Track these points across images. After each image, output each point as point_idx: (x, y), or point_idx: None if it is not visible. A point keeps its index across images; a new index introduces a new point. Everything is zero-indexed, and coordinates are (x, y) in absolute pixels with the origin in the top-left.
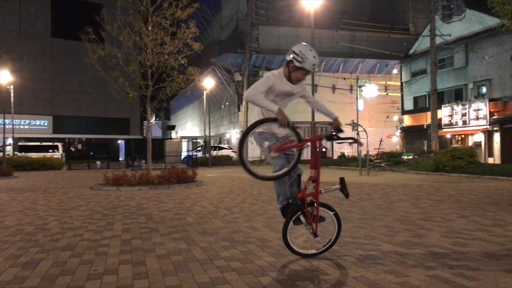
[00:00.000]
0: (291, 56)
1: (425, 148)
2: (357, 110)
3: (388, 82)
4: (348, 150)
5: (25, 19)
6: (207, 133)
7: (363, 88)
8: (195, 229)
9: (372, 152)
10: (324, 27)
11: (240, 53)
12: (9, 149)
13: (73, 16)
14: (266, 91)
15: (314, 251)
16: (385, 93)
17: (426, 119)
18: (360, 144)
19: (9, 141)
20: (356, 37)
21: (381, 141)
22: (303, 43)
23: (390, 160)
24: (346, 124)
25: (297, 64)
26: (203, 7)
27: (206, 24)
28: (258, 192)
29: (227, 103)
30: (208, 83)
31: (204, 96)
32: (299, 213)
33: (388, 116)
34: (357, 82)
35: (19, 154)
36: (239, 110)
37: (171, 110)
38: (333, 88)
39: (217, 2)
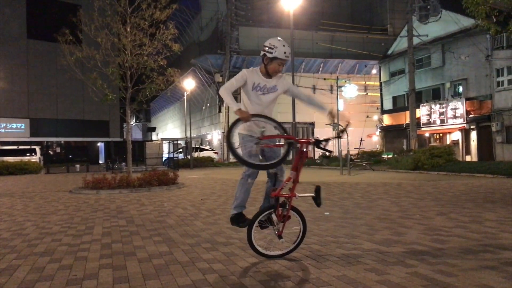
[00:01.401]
0: (263, 50)
1: (405, 147)
2: (338, 110)
3: (367, 82)
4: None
5: (0, 21)
6: (188, 135)
7: (343, 88)
8: (177, 231)
9: (353, 151)
10: (303, 28)
11: (220, 54)
12: None
13: (49, 17)
14: (244, 87)
15: (277, 253)
16: (364, 93)
17: (405, 118)
18: (340, 136)
19: None
20: (335, 38)
21: (361, 140)
22: (274, 37)
23: (370, 159)
24: (326, 124)
25: (269, 55)
26: (182, 8)
27: (185, 25)
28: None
29: (208, 104)
30: (189, 84)
31: (185, 98)
32: (272, 210)
33: (368, 116)
34: (337, 83)
35: None
36: (220, 111)
37: (151, 111)
38: (314, 88)
39: (197, 3)
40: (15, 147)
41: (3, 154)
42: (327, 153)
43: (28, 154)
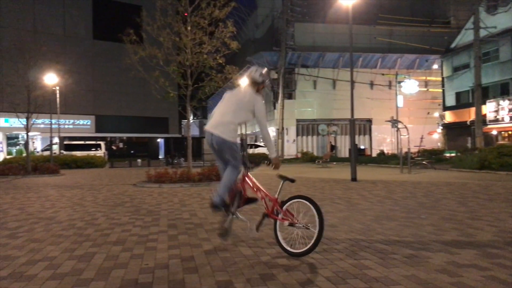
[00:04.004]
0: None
1: (469, 145)
2: (397, 107)
3: (428, 78)
4: (387, 147)
5: (68, 23)
6: (243, 131)
7: (402, 84)
8: (239, 225)
9: (413, 149)
10: (360, 22)
11: (276, 51)
12: (55, 148)
13: (113, 19)
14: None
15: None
16: (425, 89)
17: (469, 115)
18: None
19: (55, 140)
20: (394, 32)
21: (421, 138)
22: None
23: (431, 157)
24: (385, 121)
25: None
26: (238, 6)
27: (241, 23)
28: (297, 190)
29: (262, 101)
30: (244, 81)
31: None
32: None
33: (428, 113)
34: (396, 78)
35: (64, 152)
36: (274, 108)
37: (208, 109)
38: (371, 84)
39: (253, 0)
40: (82, 142)
41: (71, 148)
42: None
43: (93, 149)
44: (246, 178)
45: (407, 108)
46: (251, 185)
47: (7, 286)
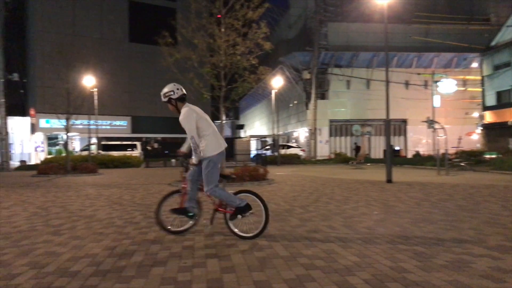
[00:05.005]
0: (168, 95)
1: (510, 146)
2: (433, 107)
3: (466, 77)
4: (423, 148)
5: (105, 27)
6: (275, 132)
7: (438, 83)
8: (273, 226)
9: (450, 150)
10: (395, 21)
11: (308, 51)
12: (93, 148)
13: (148, 22)
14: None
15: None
16: (463, 88)
17: (510, 115)
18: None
19: (93, 140)
20: (430, 30)
21: (459, 139)
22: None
23: (470, 159)
24: (422, 122)
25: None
26: (271, 7)
27: (274, 23)
28: (331, 191)
29: (295, 102)
30: (276, 82)
31: (273, 95)
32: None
33: (467, 113)
34: (432, 77)
35: (102, 152)
36: (307, 108)
37: (239, 109)
38: (406, 84)
39: (285, 1)
40: (118, 142)
41: (108, 149)
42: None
43: (129, 149)
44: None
45: (444, 108)
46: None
47: (53, 281)
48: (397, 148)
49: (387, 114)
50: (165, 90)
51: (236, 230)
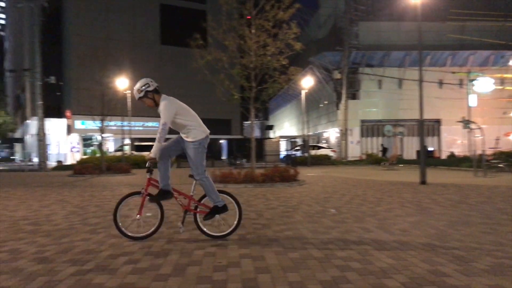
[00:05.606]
0: (142, 90)
1: None
2: (468, 106)
3: (504, 75)
4: (458, 149)
5: (137, 29)
6: (304, 132)
7: (474, 82)
8: (306, 227)
9: (488, 151)
10: (429, 19)
11: (339, 51)
12: (126, 148)
13: (179, 24)
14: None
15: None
16: (501, 87)
17: None
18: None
19: (127, 141)
20: (466, 28)
21: (497, 139)
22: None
23: (509, 160)
24: (457, 122)
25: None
26: (302, 7)
27: (303, 23)
28: (363, 192)
29: (325, 102)
30: (306, 82)
31: (303, 95)
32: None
33: (505, 112)
34: (468, 76)
35: (135, 153)
36: (337, 109)
37: (269, 110)
38: (440, 83)
39: (315, 1)
40: (151, 143)
41: (141, 149)
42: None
43: None
44: (152, 182)
45: (480, 107)
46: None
47: (93, 278)
48: (430, 149)
49: (421, 114)
50: (138, 85)
51: (206, 230)
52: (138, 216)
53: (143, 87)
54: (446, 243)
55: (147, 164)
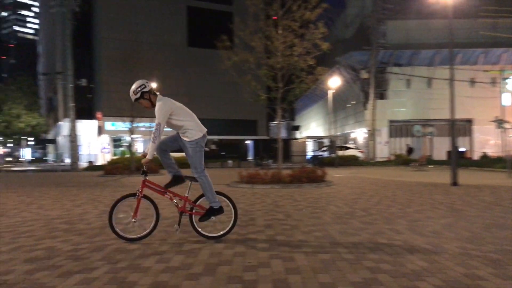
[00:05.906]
0: (140, 90)
1: None
2: (502, 105)
3: None
4: (491, 149)
5: (165, 32)
6: (331, 133)
7: (507, 80)
8: (335, 228)
9: None
10: (459, 16)
11: (366, 50)
12: None
13: (206, 26)
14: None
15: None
16: None
17: None
18: None
19: None
20: (498, 25)
21: None
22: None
23: None
24: (489, 121)
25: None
26: (327, 7)
27: (330, 23)
28: (392, 193)
29: (352, 102)
30: (333, 82)
31: (331, 95)
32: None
33: None
34: (501, 74)
35: None
36: (365, 109)
37: (295, 110)
38: (472, 81)
39: (342, 0)
40: None
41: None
42: None
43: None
44: (147, 183)
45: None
46: (157, 189)
47: (127, 276)
48: (462, 149)
49: (452, 114)
50: (134, 86)
51: (202, 231)
52: (133, 219)
53: (139, 89)
54: (481, 246)
55: (143, 167)
